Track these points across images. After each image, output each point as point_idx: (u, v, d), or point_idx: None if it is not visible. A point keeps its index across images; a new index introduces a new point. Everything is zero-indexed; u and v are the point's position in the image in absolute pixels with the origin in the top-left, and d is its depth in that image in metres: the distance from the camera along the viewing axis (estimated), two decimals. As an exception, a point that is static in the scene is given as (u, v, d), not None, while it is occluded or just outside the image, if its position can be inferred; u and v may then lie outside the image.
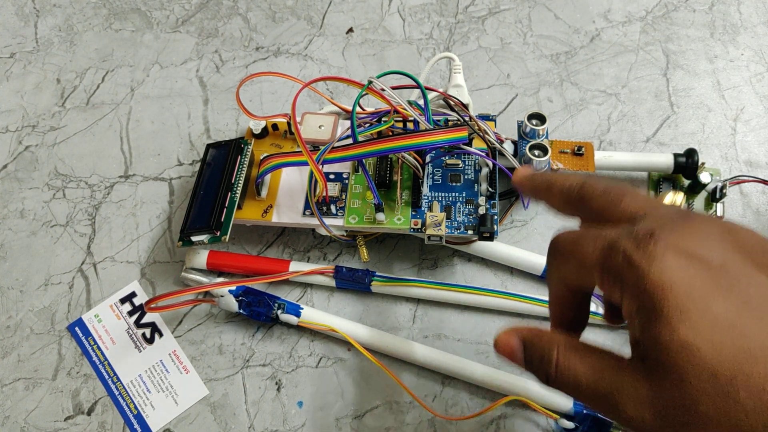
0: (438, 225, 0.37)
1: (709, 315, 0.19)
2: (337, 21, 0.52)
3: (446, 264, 0.41)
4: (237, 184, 0.40)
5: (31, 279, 0.42)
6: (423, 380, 0.38)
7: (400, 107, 0.37)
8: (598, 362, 0.21)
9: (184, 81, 0.50)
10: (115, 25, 0.53)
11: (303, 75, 0.49)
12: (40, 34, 0.53)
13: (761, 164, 0.44)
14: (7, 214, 0.45)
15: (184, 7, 0.53)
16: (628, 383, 0.20)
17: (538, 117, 0.40)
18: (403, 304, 0.40)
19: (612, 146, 0.45)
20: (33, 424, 0.38)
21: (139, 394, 0.38)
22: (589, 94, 0.47)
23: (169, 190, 0.45)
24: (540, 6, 0.52)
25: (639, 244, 0.20)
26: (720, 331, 0.18)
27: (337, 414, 0.37)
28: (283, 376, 0.38)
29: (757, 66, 0.48)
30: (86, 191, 0.45)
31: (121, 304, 0.41)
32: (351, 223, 0.39)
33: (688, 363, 0.19)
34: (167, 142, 0.47)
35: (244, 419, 0.37)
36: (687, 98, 0.47)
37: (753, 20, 0.50)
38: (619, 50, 0.49)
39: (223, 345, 0.40)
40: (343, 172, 0.41)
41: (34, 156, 0.47)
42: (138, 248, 0.43)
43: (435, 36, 0.51)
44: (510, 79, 0.48)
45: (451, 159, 0.40)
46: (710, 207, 0.42)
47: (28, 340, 0.40)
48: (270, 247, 0.42)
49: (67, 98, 0.49)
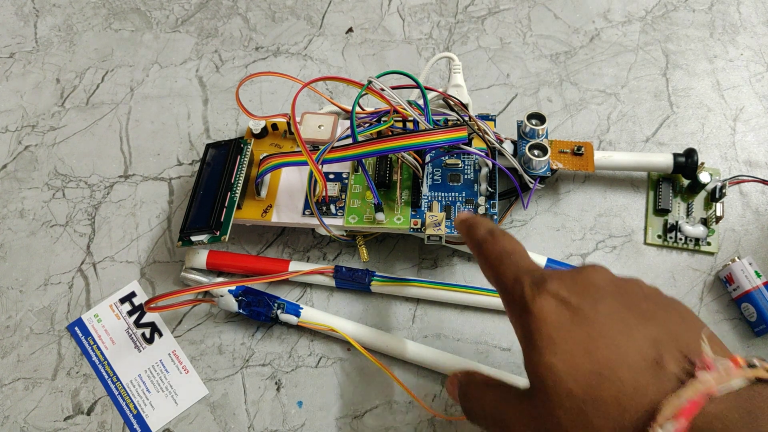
0: (438, 225, 0.37)
1: (570, 343, 0.23)
2: (337, 21, 0.52)
3: (446, 264, 0.41)
4: (237, 183, 0.40)
5: (31, 279, 0.42)
6: (423, 380, 0.38)
7: (399, 107, 0.37)
8: (500, 393, 0.26)
9: (184, 81, 0.50)
10: (115, 25, 0.53)
11: (303, 75, 0.49)
12: (39, 34, 0.53)
13: (761, 164, 0.44)
14: (7, 214, 0.45)
15: (184, 7, 0.53)
16: (517, 407, 0.25)
17: (537, 117, 0.40)
18: (403, 304, 0.40)
19: (611, 146, 0.45)
20: (33, 424, 0.38)
21: (139, 394, 0.38)
22: (588, 94, 0.47)
23: (168, 190, 0.45)
24: (540, 6, 0.52)
25: (532, 286, 0.25)
26: (577, 356, 0.22)
27: (337, 414, 0.37)
28: (282, 375, 0.38)
29: (756, 66, 0.48)
30: (86, 191, 0.45)
31: (121, 304, 0.41)
32: (351, 222, 0.39)
33: (552, 383, 0.23)
34: (167, 142, 0.47)
35: (244, 419, 0.37)
36: (686, 98, 0.47)
37: (752, 20, 0.50)
38: (618, 50, 0.49)
39: (222, 345, 0.40)
40: (342, 172, 0.41)
41: (34, 156, 0.47)
42: (137, 248, 0.43)
43: (435, 36, 0.51)
44: (509, 79, 0.48)
45: (451, 159, 0.41)
46: (710, 207, 0.42)
47: (28, 340, 0.40)
48: (270, 247, 0.42)
49: (66, 98, 0.49)
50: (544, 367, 0.23)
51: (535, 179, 0.39)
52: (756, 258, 0.40)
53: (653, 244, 0.41)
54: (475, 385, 0.28)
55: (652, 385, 0.21)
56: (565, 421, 0.22)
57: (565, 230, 0.42)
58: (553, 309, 0.24)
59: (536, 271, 0.26)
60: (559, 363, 0.23)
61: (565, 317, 0.23)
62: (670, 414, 0.20)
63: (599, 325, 0.23)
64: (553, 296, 0.24)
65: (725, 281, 0.40)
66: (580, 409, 0.22)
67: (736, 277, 0.38)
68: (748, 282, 0.38)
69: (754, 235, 0.41)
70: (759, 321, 0.37)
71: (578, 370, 0.22)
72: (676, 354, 0.22)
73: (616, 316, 0.23)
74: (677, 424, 0.20)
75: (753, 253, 0.41)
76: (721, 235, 0.41)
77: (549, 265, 0.39)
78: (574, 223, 0.42)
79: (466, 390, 0.28)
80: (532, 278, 0.25)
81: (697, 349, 0.22)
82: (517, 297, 0.25)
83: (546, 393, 0.23)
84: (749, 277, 0.38)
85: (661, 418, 0.20)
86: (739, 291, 0.38)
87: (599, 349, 0.22)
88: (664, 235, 0.41)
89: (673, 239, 0.41)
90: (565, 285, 0.24)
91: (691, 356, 0.22)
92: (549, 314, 0.24)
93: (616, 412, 0.21)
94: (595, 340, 0.23)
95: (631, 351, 0.22)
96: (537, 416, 0.23)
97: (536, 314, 0.24)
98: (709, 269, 0.41)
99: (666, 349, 0.22)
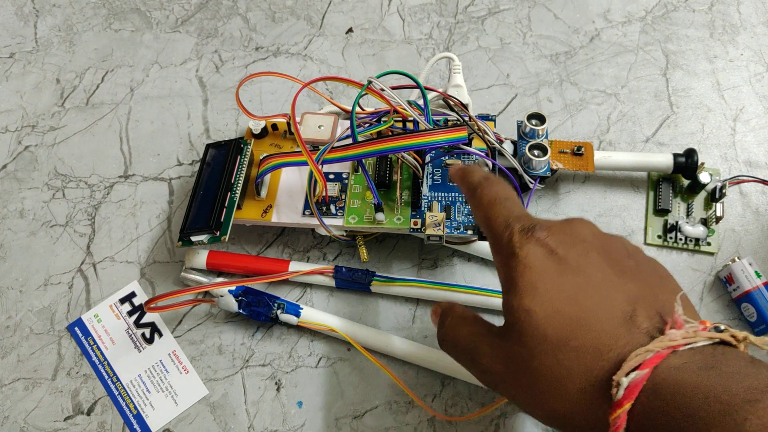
0: (438, 225, 0.37)
1: (553, 290, 0.24)
2: (337, 21, 0.52)
3: (446, 264, 0.41)
4: (236, 184, 0.40)
5: (31, 279, 0.42)
6: (423, 380, 0.38)
7: (399, 107, 0.37)
8: (474, 327, 0.27)
9: (184, 81, 0.50)
10: (115, 25, 0.53)
11: (302, 75, 0.49)
12: (39, 34, 0.53)
13: (761, 164, 0.44)
14: (7, 214, 0.45)
15: (184, 7, 0.53)
16: (488, 342, 0.26)
17: (537, 117, 0.40)
18: (403, 304, 0.40)
19: (611, 146, 0.45)
20: (32, 424, 0.38)
21: (139, 394, 0.38)
22: (588, 94, 0.47)
23: (168, 190, 0.45)
24: (539, 6, 0.52)
25: (521, 232, 0.25)
26: (559, 302, 0.23)
27: (337, 414, 0.37)
28: (282, 376, 0.38)
29: (756, 66, 0.48)
30: (86, 191, 0.45)
31: (121, 304, 0.41)
32: (351, 223, 0.39)
33: (528, 326, 0.24)
34: (167, 142, 0.47)
35: (244, 419, 0.37)
36: (686, 98, 0.47)
37: (752, 20, 0.50)
38: (618, 50, 0.49)
39: (222, 345, 0.40)
40: (342, 172, 0.41)
41: (34, 156, 0.47)
42: (137, 248, 0.43)
43: (435, 36, 0.51)
44: (509, 79, 0.48)
45: (451, 159, 0.40)
46: (710, 207, 0.42)
47: (28, 340, 0.40)
48: (270, 247, 0.42)
49: (66, 98, 0.49)
50: (522, 311, 0.24)
51: (535, 179, 0.39)
52: (756, 258, 0.40)
53: (653, 245, 0.41)
54: (454, 316, 0.29)
55: (624, 338, 0.23)
56: (536, 363, 0.23)
57: (565, 230, 0.42)
58: (539, 256, 0.25)
59: (527, 219, 0.26)
60: (538, 308, 0.24)
61: (550, 265, 0.24)
62: (634, 364, 0.21)
63: (582, 277, 0.24)
64: (541, 244, 0.25)
65: (725, 281, 0.40)
66: (553, 353, 0.23)
67: (736, 278, 0.38)
68: (748, 282, 0.38)
69: (754, 235, 0.41)
70: (759, 321, 0.37)
71: (556, 317, 0.23)
72: (650, 311, 0.23)
73: (599, 269, 0.25)
74: (641, 373, 0.21)
75: (753, 253, 0.41)
76: (721, 235, 0.41)
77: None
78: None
79: (444, 320, 0.29)
80: (522, 225, 0.26)
81: (671, 309, 0.23)
82: (504, 241, 0.26)
83: (520, 334, 0.24)
84: (749, 278, 0.38)
85: (626, 367, 0.22)
86: (739, 291, 0.38)
87: (579, 299, 0.23)
88: (664, 235, 0.41)
89: (673, 239, 0.41)
90: (553, 235, 0.25)
91: (664, 315, 0.23)
92: (534, 261, 0.24)
93: (587, 359, 0.22)
94: (575, 290, 0.24)
95: (609, 304, 0.23)
96: (508, 354, 0.25)
97: (522, 259, 0.25)
98: (709, 269, 0.41)
99: (642, 306, 0.23)
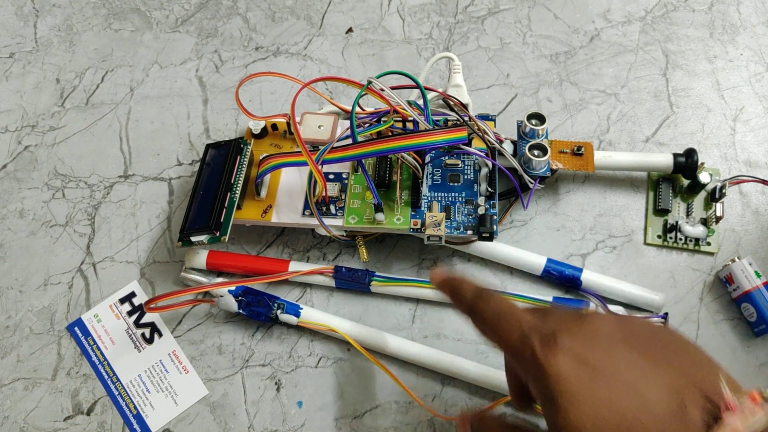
0: (437, 225, 0.37)
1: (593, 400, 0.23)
2: (337, 21, 0.52)
3: (446, 264, 0.41)
4: (236, 184, 0.40)
5: (31, 279, 0.42)
6: (423, 380, 0.38)
7: (399, 107, 0.37)
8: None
9: (184, 81, 0.50)
10: (115, 25, 0.53)
11: (302, 75, 0.49)
12: (39, 34, 0.53)
13: (760, 164, 0.44)
14: (7, 214, 0.45)
15: (184, 7, 0.53)
16: None
17: (537, 117, 0.40)
18: (403, 304, 0.40)
19: (611, 146, 0.45)
20: (32, 424, 0.38)
21: (139, 394, 0.38)
22: (588, 94, 0.47)
23: (168, 190, 0.45)
24: (539, 6, 0.52)
25: (543, 344, 0.24)
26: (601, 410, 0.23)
27: (337, 414, 0.37)
28: (282, 376, 0.38)
29: (756, 66, 0.48)
30: (86, 191, 0.45)
31: (121, 304, 0.41)
32: (350, 223, 0.39)
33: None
34: (167, 142, 0.47)
35: (244, 419, 0.37)
36: (686, 98, 0.47)
37: (752, 20, 0.50)
38: (618, 50, 0.49)
39: (222, 345, 0.40)
40: (342, 172, 0.41)
41: (34, 156, 0.47)
42: (137, 248, 0.43)
43: (434, 36, 0.51)
44: (509, 79, 0.48)
45: (451, 159, 0.40)
46: (710, 207, 0.42)
47: (28, 340, 0.40)
48: (269, 247, 0.42)
49: (66, 98, 0.49)
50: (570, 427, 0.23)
51: (535, 179, 0.39)
52: (756, 258, 0.40)
53: (653, 244, 0.41)
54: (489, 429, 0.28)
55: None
56: None
57: (565, 230, 0.42)
58: (570, 367, 0.24)
59: (541, 327, 0.25)
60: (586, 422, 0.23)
61: (584, 374, 0.24)
62: None
63: (618, 378, 0.23)
64: (567, 354, 0.24)
65: (725, 281, 0.40)
66: None
67: (736, 277, 0.38)
68: (748, 282, 0.38)
69: (754, 235, 0.41)
70: (759, 321, 0.37)
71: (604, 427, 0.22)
72: (697, 397, 0.22)
73: (632, 365, 0.24)
74: None
75: (753, 253, 0.41)
76: (721, 235, 0.41)
77: (548, 265, 0.39)
78: (574, 223, 0.42)
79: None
80: (540, 335, 0.25)
81: (717, 391, 0.23)
82: (528, 356, 0.25)
83: None
84: (749, 277, 0.38)
85: None
86: (739, 291, 0.38)
87: (622, 403, 0.23)
88: (664, 235, 0.41)
89: (673, 239, 0.41)
90: (576, 340, 0.24)
91: (713, 399, 0.22)
92: (567, 374, 0.24)
93: None
94: (616, 394, 0.23)
95: (653, 400, 0.23)
96: None
97: (554, 375, 0.24)
98: (709, 269, 0.41)
99: (687, 394, 0.23)
